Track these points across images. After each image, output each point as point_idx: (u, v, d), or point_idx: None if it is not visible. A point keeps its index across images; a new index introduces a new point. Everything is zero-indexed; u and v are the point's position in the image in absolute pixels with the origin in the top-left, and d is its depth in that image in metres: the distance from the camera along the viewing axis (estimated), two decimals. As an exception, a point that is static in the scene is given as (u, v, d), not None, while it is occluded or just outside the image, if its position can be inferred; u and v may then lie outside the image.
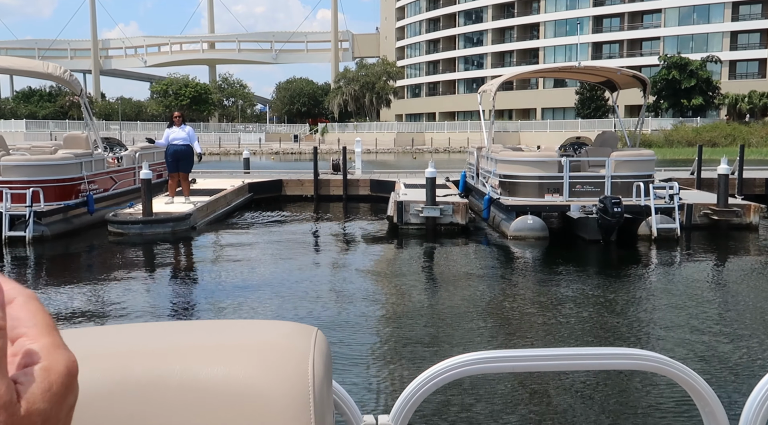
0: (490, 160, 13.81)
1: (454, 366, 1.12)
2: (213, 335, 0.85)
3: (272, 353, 0.80)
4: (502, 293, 8.66)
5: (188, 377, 0.77)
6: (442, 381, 1.12)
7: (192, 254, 11.37)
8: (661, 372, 1.15)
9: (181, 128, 13.60)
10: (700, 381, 1.14)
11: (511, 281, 9.36)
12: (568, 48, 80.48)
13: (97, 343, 0.83)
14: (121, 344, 0.82)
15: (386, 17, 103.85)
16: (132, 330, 0.88)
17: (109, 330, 0.89)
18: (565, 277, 9.67)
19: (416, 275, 9.85)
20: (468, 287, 8.97)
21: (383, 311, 7.83)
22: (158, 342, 0.83)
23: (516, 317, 7.66)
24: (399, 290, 8.81)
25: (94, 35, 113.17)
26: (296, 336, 0.84)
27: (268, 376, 0.77)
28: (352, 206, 17.53)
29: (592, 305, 8.04)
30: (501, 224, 12.62)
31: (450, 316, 7.54)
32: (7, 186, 11.22)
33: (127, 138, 62.11)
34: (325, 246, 12.17)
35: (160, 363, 0.78)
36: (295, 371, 0.78)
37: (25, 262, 10.45)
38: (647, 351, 1.17)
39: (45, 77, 12.02)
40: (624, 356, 1.18)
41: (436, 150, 64.44)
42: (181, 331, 0.87)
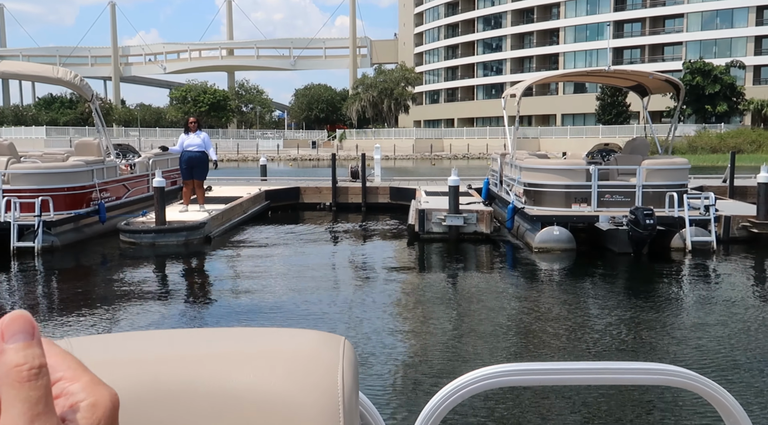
0: (514, 167, 13.29)
1: (479, 378, 1.10)
2: (241, 342, 0.85)
3: (301, 362, 0.80)
4: (528, 308, 8.15)
5: (217, 384, 0.77)
6: (467, 394, 1.10)
7: (205, 266, 10.96)
8: (689, 387, 1.12)
9: (196, 134, 13.25)
10: (728, 396, 1.11)
11: (536, 295, 8.84)
12: (588, 53, 79.70)
13: (124, 349, 0.83)
14: (150, 350, 0.82)
15: (404, 23, 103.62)
16: (160, 337, 0.87)
17: (137, 335, 0.88)
18: (594, 292, 9.14)
19: (439, 286, 9.37)
20: (492, 301, 8.48)
21: (406, 324, 7.36)
22: (186, 349, 0.82)
23: (542, 332, 7.16)
24: (421, 303, 8.33)
25: (114, 42, 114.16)
26: (324, 345, 0.84)
27: (297, 385, 0.77)
28: (371, 215, 17.08)
29: (622, 321, 7.52)
30: (525, 235, 12.09)
31: (474, 330, 7.07)
32: (16, 195, 10.90)
33: (146, 144, 62.50)
34: (345, 257, 11.71)
35: (188, 370, 0.78)
36: (324, 380, 0.78)
37: (33, 274, 10.11)
38: (674, 366, 1.14)
39: (56, 82, 11.75)
40: (651, 371, 1.14)
41: (455, 156, 63.89)
42: (210, 338, 0.86)
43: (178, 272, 10.39)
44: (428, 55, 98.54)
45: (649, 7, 76.34)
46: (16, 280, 9.71)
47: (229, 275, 10.31)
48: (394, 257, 11.68)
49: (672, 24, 75.83)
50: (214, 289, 9.36)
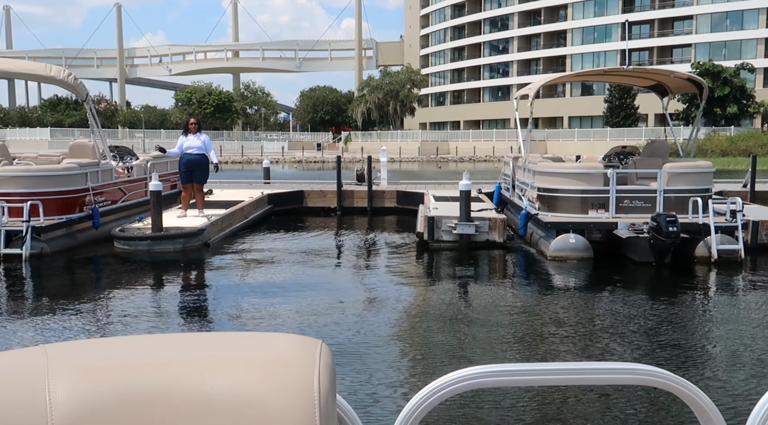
0: (527, 171, 12.69)
1: (457, 380, 1.09)
2: (218, 347, 0.85)
3: (278, 365, 0.80)
4: (540, 321, 7.55)
5: (193, 389, 0.77)
6: (446, 395, 1.09)
7: (202, 276, 10.38)
8: (664, 387, 1.13)
9: (196, 136, 12.70)
10: (702, 396, 1.13)
11: (549, 307, 8.24)
12: (596, 55, 79.08)
13: (101, 355, 0.83)
14: (126, 355, 0.82)
15: (410, 25, 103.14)
16: (137, 342, 0.87)
17: (114, 341, 0.88)
18: (613, 304, 8.53)
19: (448, 299, 8.78)
20: (505, 314, 7.90)
21: (413, 339, 6.77)
22: (163, 354, 0.83)
23: (557, 346, 6.56)
24: (430, 316, 7.74)
25: (120, 44, 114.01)
26: (301, 348, 0.84)
27: (273, 388, 0.78)
28: (377, 220, 16.48)
29: (645, 336, 6.93)
30: (539, 243, 11.48)
31: (486, 345, 6.49)
32: (4, 199, 10.36)
33: (149, 146, 62.12)
34: (350, 266, 11.10)
35: (164, 375, 0.79)
36: (300, 384, 0.79)
37: (19, 282, 9.55)
38: (651, 366, 1.13)
39: (48, 81, 11.21)
40: (627, 371, 1.14)
41: (461, 159, 63.30)
42: (187, 343, 0.87)
43: (174, 282, 9.81)
44: (434, 57, 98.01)
45: (658, 9, 75.65)
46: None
47: (227, 285, 9.74)
48: (402, 267, 11.07)
49: (681, 26, 75.12)
50: (210, 301, 8.78)
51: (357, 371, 5.78)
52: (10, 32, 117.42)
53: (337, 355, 6.25)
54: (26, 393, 0.79)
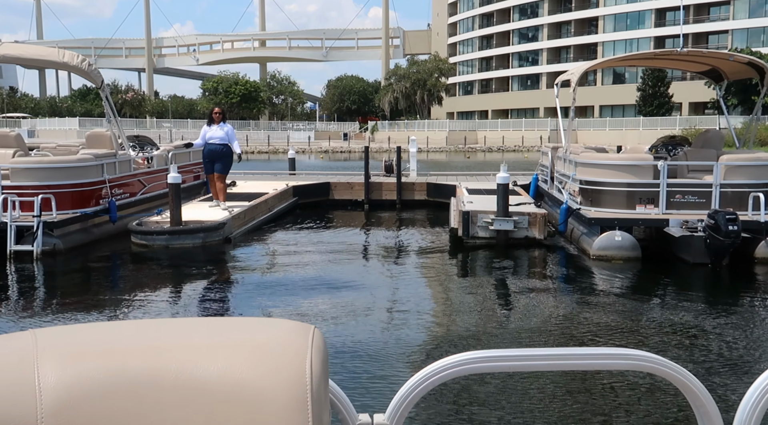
0: (568, 162, 11.86)
1: (449, 365, 1.09)
2: (210, 332, 0.84)
3: (269, 351, 0.80)
4: (586, 330, 6.80)
5: (184, 374, 0.77)
6: (438, 381, 1.10)
7: (223, 273, 9.76)
8: (657, 372, 1.13)
9: (219, 126, 12.14)
10: (695, 381, 1.13)
11: (596, 315, 7.48)
12: (628, 43, 77.20)
13: (92, 340, 0.82)
14: (117, 341, 0.82)
15: (438, 13, 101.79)
16: (128, 327, 0.86)
17: (105, 326, 0.87)
18: (667, 310, 7.74)
19: (483, 303, 8.06)
20: (546, 322, 7.20)
21: (442, 347, 6.07)
22: (154, 339, 0.82)
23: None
24: (462, 322, 7.02)
25: (148, 34, 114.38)
26: (293, 334, 0.84)
27: (265, 374, 0.78)
28: (407, 213, 15.75)
29: (704, 348, 6.16)
30: (581, 240, 10.67)
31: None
32: (15, 192, 9.84)
33: (176, 135, 62.04)
34: (379, 264, 10.38)
35: (155, 360, 0.79)
36: (292, 369, 0.79)
37: (28, 280, 9.03)
38: (642, 351, 1.14)
39: (62, 67, 10.66)
40: (620, 356, 1.14)
41: (489, 149, 62.22)
42: (178, 328, 0.86)
43: (191, 281, 9.21)
44: (462, 45, 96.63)
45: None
46: (4, 288, 8.64)
47: (248, 283, 9.12)
48: (435, 267, 10.31)
49: (717, 12, 72.86)
50: (230, 301, 8.17)
51: (385, 380, 5.12)
52: (40, 22, 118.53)
53: (362, 360, 5.60)
54: (15, 377, 0.79)
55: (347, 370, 5.48)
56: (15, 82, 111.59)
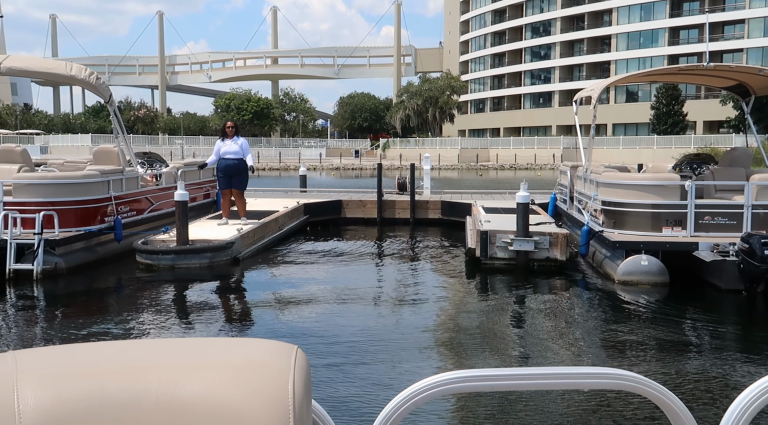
0: (588, 182, 11.42)
1: (432, 385, 1.09)
2: (191, 353, 0.84)
3: (252, 371, 0.80)
4: (616, 360, 6.31)
5: (165, 395, 0.77)
6: (421, 401, 1.10)
7: (230, 297, 9.36)
8: (637, 391, 1.14)
9: (233, 141, 11.86)
10: (675, 399, 1.14)
11: (623, 346, 7.00)
12: (642, 61, 76.85)
13: (72, 361, 0.82)
14: (97, 362, 0.81)
15: (450, 31, 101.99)
16: (108, 348, 0.86)
17: (85, 347, 0.87)
18: (697, 338, 7.26)
19: (506, 329, 7.61)
20: (568, 351, 6.72)
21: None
22: (134, 360, 0.82)
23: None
24: (484, 348, 6.57)
25: (162, 52, 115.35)
26: (276, 354, 0.83)
27: (247, 395, 0.77)
28: (420, 232, 15.32)
29: (737, 384, 5.63)
30: (605, 264, 10.18)
31: (540, 394, 5.30)
32: (17, 209, 9.50)
33: (188, 152, 62.07)
34: (393, 289, 9.91)
35: (136, 381, 0.78)
36: (274, 389, 0.78)
37: (25, 301, 8.65)
38: (623, 370, 1.14)
39: (69, 81, 10.39)
40: (600, 375, 1.14)
41: (501, 167, 61.83)
42: (159, 349, 0.85)
43: (196, 304, 8.80)
44: (474, 63, 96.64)
45: (708, 13, 73.03)
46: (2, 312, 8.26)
47: (253, 306, 8.71)
48: (452, 290, 9.83)
49: (732, 30, 72.46)
50: (233, 325, 7.75)
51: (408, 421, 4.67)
52: (55, 40, 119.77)
53: (376, 387, 5.17)
54: None
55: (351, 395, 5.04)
56: (30, 100, 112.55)
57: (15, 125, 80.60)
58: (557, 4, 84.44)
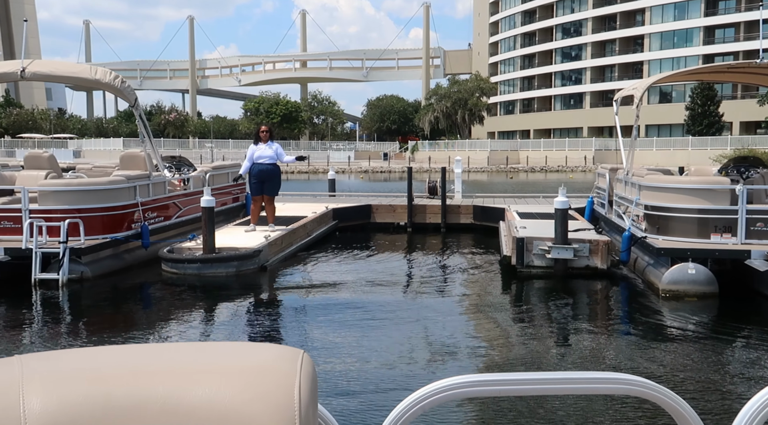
0: (630, 185, 10.91)
1: (439, 390, 1.09)
2: (197, 358, 0.84)
3: (258, 376, 0.80)
4: (664, 377, 5.85)
5: (171, 400, 0.77)
6: (428, 405, 1.09)
7: (257, 307, 9.06)
8: (646, 396, 1.13)
9: (267, 145, 11.61)
10: (684, 405, 1.13)
11: (671, 364, 6.53)
12: (675, 61, 75.33)
13: (78, 365, 0.82)
14: (103, 366, 0.82)
15: (479, 33, 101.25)
16: (114, 352, 0.86)
17: (92, 351, 0.87)
18: (751, 354, 6.75)
19: (544, 342, 7.19)
20: (606, 363, 6.28)
21: (490, 406, 5.22)
22: (140, 365, 0.82)
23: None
24: (523, 359, 6.16)
25: (192, 55, 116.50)
26: (281, 359, 0.84)
27: (253, 400, 0.78)
28: (452, 238, 14.92)
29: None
30: (648, 272, 9.68)
31: (582, 412, 4.89)
32: (42, 217, 9.34)
33: (218, 155, 62.44)
34: (425, 296, 9.54)
35: (142, 385, 0.78)
36: (281, 395, 0.79)
37: (50, 311, 8.46)
38: (632, 375, 1.14)
39: (94, 85, 10.23)
40: (608, 380, 1.14)
41: (532, 169, 61.03)
42: (165, 353, 0.86)
43: (221, 313, 8.53)
44: (503, 64, 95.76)
45: (744, 11, 71.34)
46: (21, 320, 8.07)
47: (281, 316, 8.41)
48: (486, 300, 9.38)
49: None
50: (259, 338, 7.44)
51: None
52: (89, 46, 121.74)
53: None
54: (0, 403, 0.78)
55: None
56: (64, 104, 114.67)
57: (49, 130, 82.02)
58: (588, 4, 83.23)
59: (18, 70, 9.82)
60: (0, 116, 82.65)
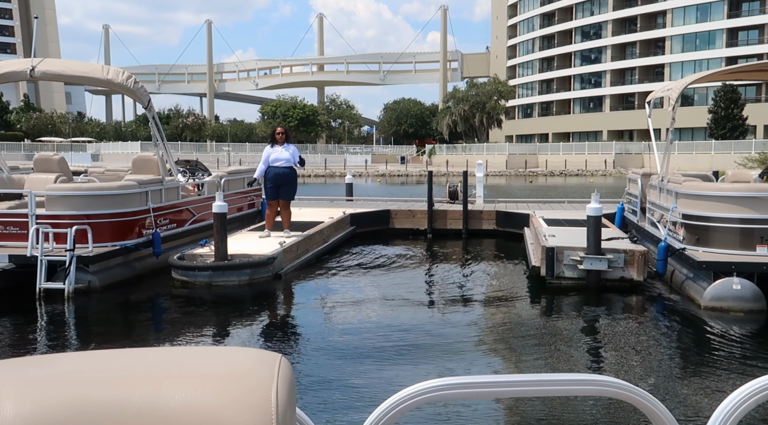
0: (665, 192, 10.32)
1: (417, 393, 1.09)
2: (174, 362, 0.84)
3: (235, 381, 0.80)
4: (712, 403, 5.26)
5: (148, 405, 0.76)
6: (405, 408, 1.09)
7: (270, 317, 8.59)
8: (622, 397, 1.14)
9: (284, 148, 11.14)
10: (660, 406, 1.14)
11: (718, 384, 5.95)
12: (697, 63, 74.15)
13: (52, 371, 0.81)
14: (78, 371, 0.81)
15: (497, 36, 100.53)
16: (89, 357, 0.85)
17: (66, 357, 0.86)
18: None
19: (574, 361, 6.62)
20: (641, 384, 5.70)
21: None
22: (116, 370, 0.81)
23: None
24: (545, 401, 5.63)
25: (210, 60, 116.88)
26: (259, 363, 0.84)
27: (230, 404, 0.77)
28: (474, 245, 14.37)
29: None
30: (687, 287, 9.07)
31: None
32: (49, 223, 8.94)
33: (234, 159, 62.28)
34: (448, 309, 8.99)
35: (118, 391, 0.78)
36: (258, 399, 0.78)
37: (55, 323, 8.04)
38: (609, 377, 1.14)
39: (106, 85, 9.83)
40: (585, 382, 1.15)
41: (551, 173, 60.19)
42: (141, 358, 0.85)
43: (231, 325, 8.06)
44: (522, 68, 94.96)
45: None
46: (22, 333, 7.66)
47: (295, 328, 7.93)
48: (516, 314, 8.77)
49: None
50: (277, 350, 6.95)
51: None
52: (108, 50, 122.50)
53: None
54: None
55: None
56: (83, 108, 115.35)
57: (68, 133, 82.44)
58: (608, 6, 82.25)
59: (27, 69, 9.45)
60: (20, 120, 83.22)
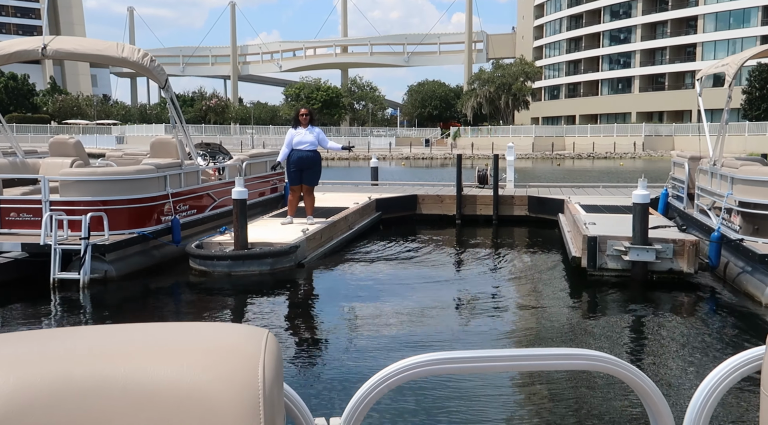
0: (718, 177, 9.60)
1: (405, 368, 1.10)
2: (159, 338, 0.84)
3: (221, 356, 0.79)
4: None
5: (133, 381, 0.76)
6: (394, 383, 1.10)
7: (292, 309, 8.09)
8: (609, 371, 1.14)
9: (308, 130, 10.58)
10: (647, 380, 1.15)
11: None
12: (731, 43, 72.04)
13: (36, 347, 0.81)
14: (62, 348, 0.80)
15: (524, 16, 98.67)
16: (74, 333, 0.85)
17: (51, 333, 0.86)
18: None
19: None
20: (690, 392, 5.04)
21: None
22: (102, 346, 0.81)
23: None
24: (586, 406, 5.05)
25: (234, 42, 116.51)
26: (246, 338, 0.83)
27: (216, 380, 0.77)
28: (505, 232, 13.75)
29: None
30: (744, 281, 8.36)
31: None
32: (64, 209, 8.52)
33: (258, 141, 61.97)
34: (481, 304, 8.40)
35: (103, 366, 0.77)
36: (244, 374, 0.78)
37: (68, 318, 7.62)
38: (596, 351, 1.15)
39: (120, 64, 9.34)
40: (573, 356, 1.15)
41: (579, 156, 59.00)
42: (126, 334, 0.85)
43: (251, 317, 7.58)
44: (548, 48, 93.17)
45: None
46: (34, 326, 7.25)
47: (319, 321, 7.44)
48: (556, 309, 8.15)
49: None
50: (299, 347, 6.48)
51: None
52: (133, 32, 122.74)
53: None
54: None
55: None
56: (108, 91, 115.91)
57: (94, 116, 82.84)
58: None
59: (39, 47, 8.99)
60: (46, 103, 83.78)
